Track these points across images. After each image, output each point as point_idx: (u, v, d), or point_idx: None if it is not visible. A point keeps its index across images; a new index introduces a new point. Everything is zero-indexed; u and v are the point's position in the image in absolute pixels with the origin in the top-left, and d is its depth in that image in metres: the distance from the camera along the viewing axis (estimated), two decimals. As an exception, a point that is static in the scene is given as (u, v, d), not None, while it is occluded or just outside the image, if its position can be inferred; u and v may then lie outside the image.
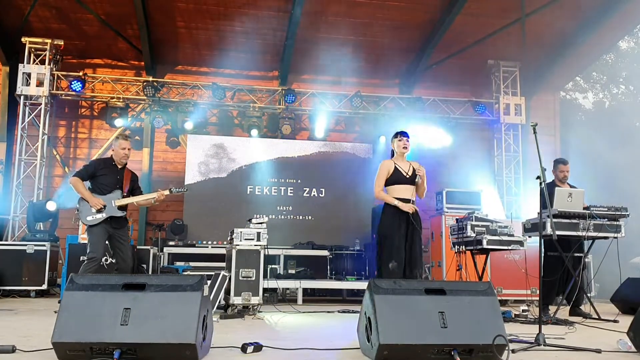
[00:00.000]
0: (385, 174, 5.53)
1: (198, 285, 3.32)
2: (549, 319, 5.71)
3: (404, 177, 5.49)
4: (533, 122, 4.74)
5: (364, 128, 11.93)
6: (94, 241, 5.54)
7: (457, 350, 3.23)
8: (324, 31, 10.80)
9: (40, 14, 10.30)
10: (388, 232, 5.39)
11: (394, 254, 5.29)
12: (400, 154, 5.58)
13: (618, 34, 11.73)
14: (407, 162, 5.60)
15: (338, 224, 11.03)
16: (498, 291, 8.43)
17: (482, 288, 3.56)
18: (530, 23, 10.31)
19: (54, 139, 11.17)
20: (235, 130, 11.76)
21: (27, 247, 8.53)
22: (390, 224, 5.41)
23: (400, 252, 5.32)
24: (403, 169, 5.52)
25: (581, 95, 19.77)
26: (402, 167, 5.53)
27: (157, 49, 11.16)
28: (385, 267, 5.31)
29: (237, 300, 6.26)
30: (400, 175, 5.49)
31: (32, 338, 4.03)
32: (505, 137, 11.79)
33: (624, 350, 3.85)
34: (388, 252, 5.35)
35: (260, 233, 6.48)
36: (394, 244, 5.32)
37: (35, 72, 10.27)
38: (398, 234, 5.35)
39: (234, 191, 11.03)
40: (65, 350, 3.08)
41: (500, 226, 6.70)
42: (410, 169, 5.53)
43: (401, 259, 5.29)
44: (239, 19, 10.42)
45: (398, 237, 5.34)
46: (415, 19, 10.56)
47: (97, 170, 5.76)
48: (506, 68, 11.79)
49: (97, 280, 3.36)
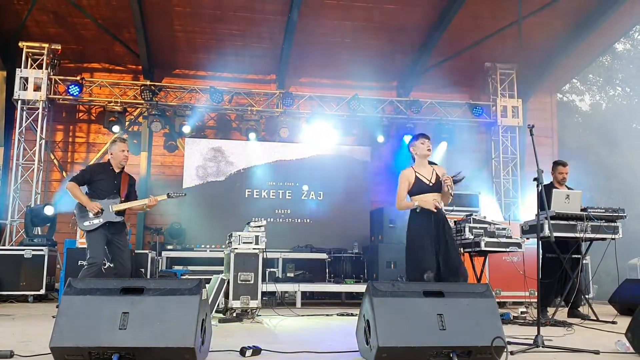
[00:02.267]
0: (406, 185, 5.13)
1: (196, 289, 3.32)
2: (547, 320, 5.72)
3: (427, 186, 5.07)
4: (530, 124, 4.75)
5: (361, 131, 11.95)
6: (93, 246, 5.47)
7: (455, 352, 3.24)
8: (321, 34, 10.82)
9: (38, 18, 10.30)
10: (416, 239, 4.98)
11: (425, 263, 4.84)
12: (422, 157, 5.19)
13: (614, 36, 11.76)
14: (429, 168, 5.19)
15: (336, 227, 11.02)
16: (497, 293, 8.43)
17: (481, 290, 3.57)
18: (527, 25, 10.33)
19: (52, 144, 11.16)
20: (233, 133, 11.77)
21: (25, 252, 8.52)
22: (417, 231, 5.01)
23: (432, 259, 4.86)
24: (425, 176, 5.11)
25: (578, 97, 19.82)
26: (423, 174, 5.12)
27: (155, 52, 11.16)
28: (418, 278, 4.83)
29: (236, 303, 6.25)
30: (423, 185, 5.08)
31: (30, 343, 4.02)
32: (503, 139, 11.81)
33: (622, 351, 3.86)
34: (418, 262, 4.92)
35: (258, 236, 6.48)
36: (425, 251, 4.88)
37: (32, 77, 10.27)
38: (428, 240, 4.91)
39: (232, 195, 11.01)
40: (64, 355, 3.08)
41: (499, 228, 6.70)
42: (433, 176, 5.11)
43: (434, 266, 4.83)
44: (236, 23, 10.43)
45: (428, 243, 4.90)
46: (412, 21, 10.57)
47: (94, 175, 5.70)
48: (503, 70, 11.82)
49: (95, 285, 3.36)
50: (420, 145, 5.18)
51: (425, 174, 5.12)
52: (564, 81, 13.92)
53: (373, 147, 11.85)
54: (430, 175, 5.12)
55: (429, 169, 5.17)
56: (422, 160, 5.21)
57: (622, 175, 13.12)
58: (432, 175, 5.12)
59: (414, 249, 4.99)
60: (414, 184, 5.09)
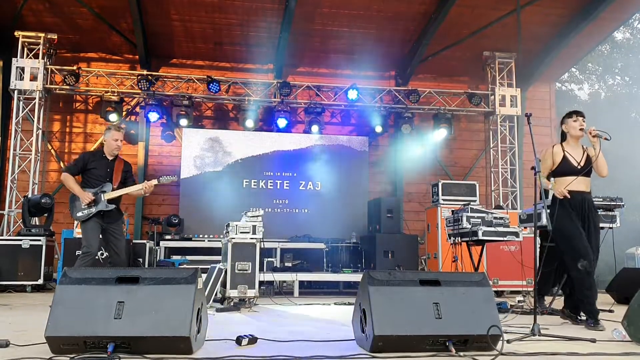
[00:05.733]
0: (549, 162, 4.76)
1: (192, 278, 3.32)
2: (544, 309, 5.73)
3: (574, 168, 4.67)
4: (528, 113, 4.72)
5: (359, 121, 11.93)
6: (87, 236, 5.44)
7: (452, 341, 3.24)
8: (319, 23, 10.77)
9: (34, 7, 10.22)
10: (564, 222, 4.63)
11: (578, 250, 4.53)
12: (574, 138, 4.78)
13: (613, 24, 11.69)
14: (581, 149, 4.76)
15: (334, 217, 11.01)
16: (494, 282, 8.45)
17: (477, 279, 3.57)
18: (525, 14, 10.28)
19: (49, 134, 11.12)
20: (231, 123, 11.73)
21: (22, 242, 8.51)
22: (561, 213, 4.65)
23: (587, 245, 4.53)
24: (574, 157, 4.70)
25: (577, 86, 19.81)
26: (573, 155, 4.71)
27: (152, 42, 11.09)
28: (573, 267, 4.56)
29: (233, 293, 6.26)
30: (569, 166, 4.68)
31: (27, 333, 4.02)
32: (501, 128, 11.78)
33: (618, 339, 3.86)
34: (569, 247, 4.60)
35: (256, 226, 6.49)
36: (574, 236, 4.57)
37: (28, 67, 10.20)
38: (577, 224, 4.59)
39: (230, 185, 10.99)
40: (59, 344, 3.08)
41: (496, 217, 6.70)
42: (584, 158, 4.69)
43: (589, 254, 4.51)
44: (233, 12, 10.37)
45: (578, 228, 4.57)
46: (410, 10, 10.52)
47: (87, 163, 5.64)
48: (502, 59, 11.76)
49: (90, 274, 3.35)
50: (572, 124, 4.80)
51: (575, 155, 4.73)
52: (562, 70, 13.88)
53: (371, 137, 11.83)
54: (580, 157, 4.72)
55: (581, 150, 4.77)
56: (574, 140, 4.82)
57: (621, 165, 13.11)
58: (583, 158, 4.71)
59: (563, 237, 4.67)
60: (559, 164, 4.73)
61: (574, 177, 4.64)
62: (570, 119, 4.81)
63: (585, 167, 4.66)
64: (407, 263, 9.08)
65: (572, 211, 4.65)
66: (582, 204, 4.68)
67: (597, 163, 4.66)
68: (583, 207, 4.68)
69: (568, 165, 4.70)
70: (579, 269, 4.51)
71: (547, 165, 4.80)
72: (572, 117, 4.80)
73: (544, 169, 4.80)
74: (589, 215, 4.68)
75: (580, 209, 4.67)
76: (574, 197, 4.65)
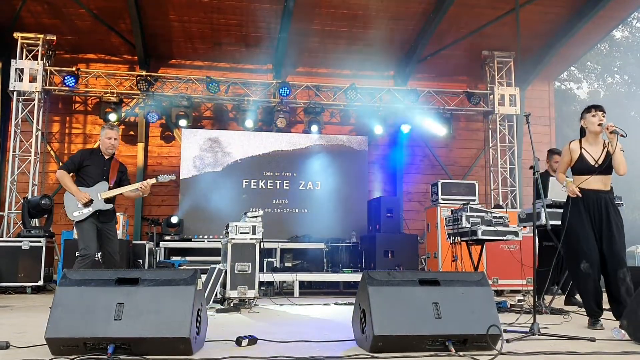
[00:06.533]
0: (567, 159, 4.64)
1: (192, 279, 3.32)
2: (544, 308, 5.73)
3: (591, 166, 4.54)
4: (527, 112, 4.72)
5: (359, 120, 11.94)
6: (84, 237, 5.32)
7: (451, 340, 3.24)
8: (317, 23, 10.77)
9: (32, 9, 10.22)
10: (572, 221, 4.53)
11: (581, 251, 4.47)
12: (593, 133, 4.60)
13: (612, 23, 11.69)
14: (600, 146, 4.59)
15: (334, 217, 11.01)
16: (494, 282, 8.46)
17: (476, 278, 3.57)
18: (524, 13, 10.29)
19: (48, 135, 11.12)
20: (230, 124, 11.74)
21: (22, 243, 8.51)
22: (572, 212, 4.54)
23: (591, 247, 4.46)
24: (592, 155, 4.56)
25: (576, 85, 19.81)
26: (591, 152, 4.57)
27: (151, 43, 11.10)
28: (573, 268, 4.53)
29: (233, 293, 6.26)
30: (587, 164, 4.55)
31: (27, 334, 4.02)
32: (500, 127, 11.79)
33: (618, 338, 3.87)
34: (573, 248, 4.54)
35: (255, 227, 6.48)
36: (580, 237, 4.50)
37: (28, 68, 10.21)
38: (585, 224, 4.50)
39: (230, 185, 10.99)
40: (59, 345, 3.08)
41: (495, 217, 6.70)
42: (603, 155, 4.53)
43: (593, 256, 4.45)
44: (232, 12, 10.37)
45: (585, 228, 4.49)
46: (409, 10, 10.52)
47: (83, 160, 5.52)
48: (501, 59, 11.77)
49: (90, 276, 3.35)
50: (591, 119, 4.62)
51: (592, 152, 4.57)
52: (561, 69, 13.89)
53: (370, 137, 11.83)
54: (599, 154, 4.56)
55: (600, 147, 4.59)
56: (594, 136, 4.62)
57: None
58: (602, 155, 4.54)
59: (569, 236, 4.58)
60: (577, 161, 4.60)
61: (589, 176, 4.53)
62: (589, 114, 4.65)
63: (603, 165, 4.51)
64: (407, 263, 9.09)
65: (584, 211, 4.55)
66: (597, 203, 4.55)
67: (615, 160, 4.50)
68: (599, 206, 4.54)
69: (584, 163, 4.58)
70: (581, 270, 4.47)
71: (565, 161, 4.71)
72: (591, 112, 4.64)
73: (562, 165, 4.74)
74: (607, 216, 4.53)
75: (594, 208, 4.55)
76: (588, 196, 4.55)
